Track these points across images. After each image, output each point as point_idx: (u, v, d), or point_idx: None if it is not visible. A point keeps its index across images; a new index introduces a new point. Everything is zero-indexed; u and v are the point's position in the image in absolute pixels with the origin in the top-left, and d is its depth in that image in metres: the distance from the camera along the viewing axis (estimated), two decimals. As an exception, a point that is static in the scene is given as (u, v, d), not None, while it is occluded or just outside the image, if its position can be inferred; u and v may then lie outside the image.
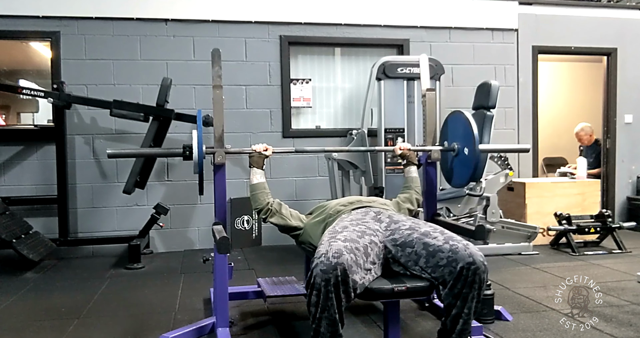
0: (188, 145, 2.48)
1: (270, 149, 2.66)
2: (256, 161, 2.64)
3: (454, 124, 2.88)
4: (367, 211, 2.37)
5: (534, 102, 5.61)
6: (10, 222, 4.11)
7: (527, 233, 4.43)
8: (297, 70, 5.17)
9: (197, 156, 2.45)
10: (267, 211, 2.56)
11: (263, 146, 2.65)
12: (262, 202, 2.57)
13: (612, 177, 5.83)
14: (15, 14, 4.51)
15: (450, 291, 1.95)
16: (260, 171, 2.63)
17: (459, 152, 2.78)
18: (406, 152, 2.85)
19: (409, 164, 2.87)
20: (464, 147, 2.73)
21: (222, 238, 2.26)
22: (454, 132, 2.85)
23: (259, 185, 2.60)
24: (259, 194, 2.58)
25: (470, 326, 1.99)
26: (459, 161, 2.80)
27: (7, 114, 5.94)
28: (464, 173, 2.77)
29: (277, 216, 2.57)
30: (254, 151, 2.64)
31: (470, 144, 2.67)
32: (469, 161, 2.70)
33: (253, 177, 2.62)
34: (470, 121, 2.70)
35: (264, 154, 2.64)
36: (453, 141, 2.83)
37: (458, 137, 2.80)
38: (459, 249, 1.96)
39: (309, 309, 1.91)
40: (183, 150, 2.49)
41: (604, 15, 5.78)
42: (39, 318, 2.93)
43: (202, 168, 2.49)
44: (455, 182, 2.92)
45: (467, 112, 2.78)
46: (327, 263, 1.84)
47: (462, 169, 2.78)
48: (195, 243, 4.87)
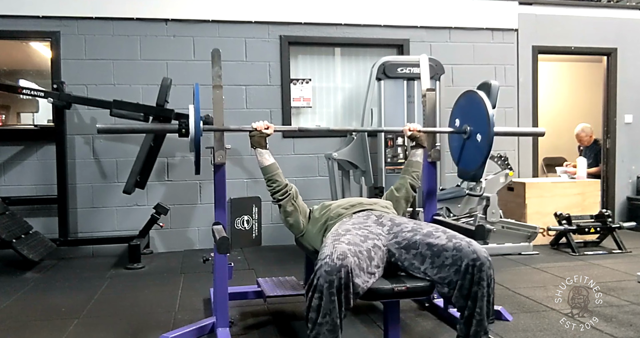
0: (184, 121, 2.34)
1: (272, 127, 2.52)
2: (257, 141, 2.49)
3: (466, 104, 2.73)
4: (369, 214, 2.35)
5: (534, 102, 5.61)
6: (10, 222, 4.11)
7: (527, 233, 4.43)
8: (297, 70, 5.17)
9: (195, 134, 2.31)
10: (286, 192, 2.45)
11: (264, 124, 2.51)
12: (281, 182, 2.45)
13: (612, 177, 5.83)
14: (15, 14, 4.51)
15: (460, 291, 1.94)
16: (266, 151, 2.49)
17: (471, 134, 2.63)
18: (416, 133, 2.72)
19: (417, 147, 2.74)
20: (477, 130, 2.58)
21: (222, 238, 2.26)
22: (467, 113, 2.70)
23: (273, 166, 2.47)
24: (276, 175, 2.46)
25: (484, 328, 1.96)
26: (471, 144, 2.65)
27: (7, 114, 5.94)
28: (475, 158, 2.62)
29: (293, 204, 2.47)
30: (255, 129, 2.50)
31: (485, 127, 2.50)
32: (481, 145, 2.55)
33: (262, 158, 2.47)
34: (486, 101, 2.52)
35: (265, 133, 2.50)
36: (465, 123, 2.69)
37: (471, 118, 2.64)
38: (462, 246, 1.96)
39: (308, 315, 1.86)
40: (179, 126, 2.35)
41: (604, 15, 5.78)
42: (39, 318, 2.93)
43: (199, 145, 2.36)
44: (465, 166, 2.77)
45: (481, 93, 2.62)
46: (332, 264, 1.83)
47: (474, 153, 2.63)
48: (195, 243, 4.87)
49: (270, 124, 2.52)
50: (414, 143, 2.75)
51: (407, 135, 2.76)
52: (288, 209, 2.48)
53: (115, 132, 2.33)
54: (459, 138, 2.78)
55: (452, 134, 2.81)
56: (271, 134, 2.53)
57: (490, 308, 1.99)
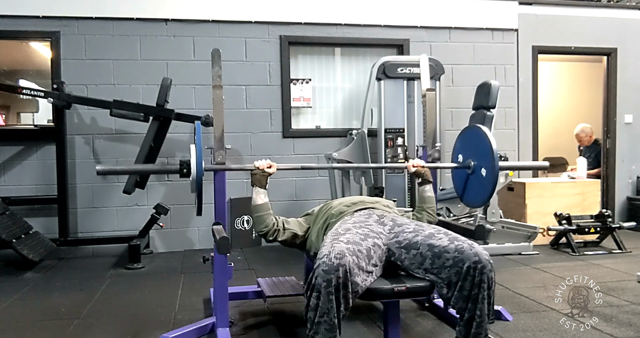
0: (185, 161, 2.28)
1: (274, 166, 2.48)
2: (259, 180, 2.44)
3: (470, 138, 2.72)
4: (370, 213, 2.35)
5: (534, 102, 5.61)
6: (10, 222, 4.11)
7: (527, 233, 4.43)
8: (297, 70, 5.17)
9: (196, 174, 2.24)
10: (275, 232, 2.46)
11: (266, 163, 2.47)
12: (268, 223, 2.44)
13: (612, 177, 5.83)
14: (15, 14, 4.51)
15: (460, 293, 1.94)
16: (263, 191, 2.45)
17: (475, 170, 2.61)
18: (420, 169, 2.66)
19: (424, 183, 2.65)
20: (482, 165, 2.56)
21: (222, 238, 2.26)
22: (470, 147, 2.68)
23: (264, 206, 2.44)
24: (264, 216, 2.44)
25: (485, 330, 1.95)
26: (475, 180, 2.63)
27: (7, 114, 5.94)
28: (481, 193, 2.59)
29: (284, 232, 2.48)
30: (257, 168, 2.46)
31: (489, 163, 2.48)
32: (486, 181, 2.52)
33: (257, 197, 2.43)
34: (490, 137, 2.51)
35: (268, 172, 2.46)
36: (468, 158, 2.67)
37: (474, 153, 2.63)
38: (464, 249, 1.95)
39: (307, 314, 1.87)
40: (180, 167, 2.29)
41: (604, 15, 5.79)
42: (39, 318, 2.93)
43: (201, 186, 2.28)
44: (471, 201, 2.75)
45: (485, 128, 2.61)
46: (330, 263, 1.83)
47: (479, 188, 2.60)
48: (195, 243, 4.87)
49: (272, 163, 2.48)
50: (419, 179, 2.67)
51: (411, 171, 2.69)
52: (285, 238, 2.50)
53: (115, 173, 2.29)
54: (462, 173, 2.75)
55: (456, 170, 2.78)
56: (273, 173, 2.48)
57: (491, 310, 1.98)
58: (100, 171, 2.28)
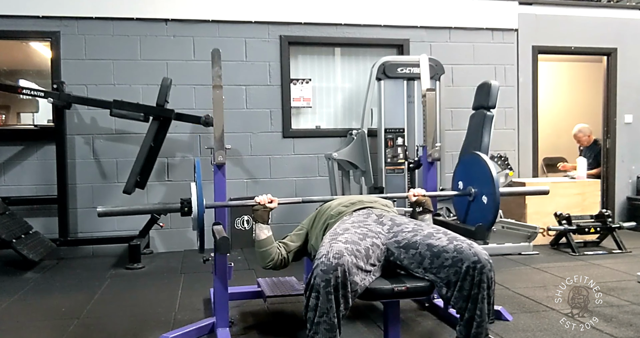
0: (186, 199, 2.24)
1: (276, 201, 2.43)
2: (260, 216, 2.39)
3: (470, 166, 2.73)
4: (369, 213, 2.35)
5: (534, 102, 5.61)
6: (10, 222, 4.11)
7: (527, 233, 4.43)
8: (297, 70, 5.17)
9: (197, 213, 2.20)
10: (281, 261, 2.43)
11: (267, 198, 2.42)
12: (274, 257, 2.40)
13: (612, 177, 5.83)
14: (15, 14, 4.51)
15: (460, 293, 1.94)
16: (266, 226, 2.40)
17: (476, 197, 2.62)
18: (421, 199, 2.62)
19: (425, 212, 2.61)
20: (482, 193, 2.57)
21: (222, 238, 2.26)
22: (470, 174, 2.69)
23: (268, 240, 2.39)
24: (269, 250, 2.39)
25: (485, 330, 1.95)
26: (476, 207, 2.63)
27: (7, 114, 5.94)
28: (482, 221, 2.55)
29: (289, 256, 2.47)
30: (258, 203, 2.41)
31: (490, 191, 2.49)
32: (488, 208, 2.52)
33: (260, 232, 2.38)
34: (489, 165, 2.51)
35: (269, 207, 2.41)
36: (469, 185, 2.68)
37: (475, 180, 2.65)
38: (463, 249, 1.95)
39: (307, 314, 1.88)
40: (181, 206, 2.27)
41: (604, 15, 5.78)
42: (39, 318, 2.93)
43: (203, 224, 2.24)
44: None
45: (484, 156, 2.62)
46: (328, 263, 1.83)
47: (481, 215, 2.59)
48: (195, 243, 4.86)
49: (274, 198, 2.43)
50: (420, 208, 2.63)
51: (411, 201, 2.65)
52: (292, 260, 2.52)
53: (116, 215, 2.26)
54: (464, 200, 2.75)
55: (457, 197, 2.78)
56: (275, 208, 2.45)
57: (491, 310, 1.99)
58: (102, 213, 2.23)
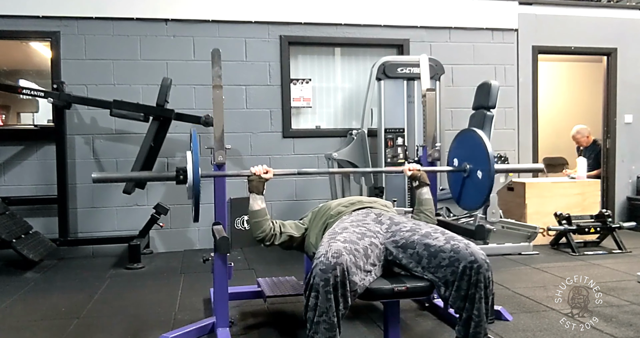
0: (182, 168, 2.27)
1: (271, 172, 2.47)
2: (256, 186, 2.44)
3: (465, 142, 2.73)
4: (368, 212, 2.36)
5: (534, 102, 5.61)
6: (10, 222, 4.11)
7: (527, 233, 4.43)
8: (297, 70, 5.17)
9: (193, 181, 2.23)
10: (272, 237, 2.46)
11: (263, 168, 2.46)
12: (265, 229, 2.44)
13: (612, 177, 5.83)
14: (15, 14, 4.51)
15: (457, 293, 1.94)
16: (260, 197, 2.45)
17: (471, 173, 2.62)
18: (416, 173, 2.65)
19: (421, 186, 2.66)
20: (477, 168, 2.56)
21: (222, 238, 2.26)
22: (466, 151, 2.69)
23: (261, 211, 2.44)
24: (261, 222, 2.44)
25: (483, 329, 1.95)
26: (471, 184, 2.63)
27: (7, 114, 5.94)
28: (477, 196, 2.59)
29: (281, 236, 2.48)
30: (253, 174, 2.45)
31: (485, 166, 2.49)
32: (482, 184, 2.53)
33: (254, 203, 2.43)
34: (485, 140, 2.52)
35: (264, 178, 2.46)
36: (464, 161, 2.67)
37: (470, 157, 2.64)
38: (460, 248, 1.96)
39: (306, 314, 1.88)
40: (177, 173, 2.28)
41: (604, 15, 5.79)
42: (39, 318, 2.93)
43: (198, 193, 2.27)
44: (467, 204, 2.75)
45: (480, 131, 2.61)
46: (327, 262, 1.84)
47: (475, 192, 2.60)
48: (195, 243, 4.87)
49: (269, 169, 2.47)
50: (416, 182, 2.67)
51: (407, 175, 2.70)
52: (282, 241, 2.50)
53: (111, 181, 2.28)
54: (458, 177, 2.75)
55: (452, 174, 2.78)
56: (270, 178, 2.47)
57: (489, 309, 1.98)
58: (96, 179, 2.25)
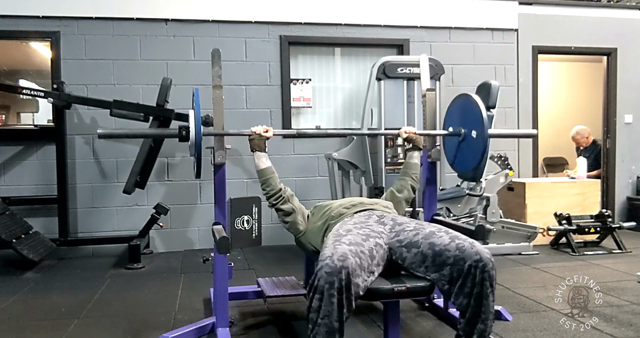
0: (184, 125, 2.36)
1: (271, 131, 2.57)
2: (257, 144, 2.54)
3: (459, 107, 2.78)
4: (370, 214, 2.36)
5: (534, 102, 5.61)
6: (10, 222, 4.11)
7: (527, 233, 4.43)
8: (297, 70, 5.17)
9: (195, 138, 2.32)
10: (280, 197, 2.51)
11: (263, 128, 2.56)
12: (274, 186, 2.51)
13: (612, 177, 5.83)
14: (15, 14, 4.51)
15: (462, 291, 1.94)
16: (264, 154, 2.55)
17: (466, 136, 2.67)
18: (412, 135, 2.77)
19: (414, 149, 2.79)
20: (472, 130, 2.61)
21: (222, 238, 2.26)
22: (460, 116, 2.75)
23: (268, 169, 2.53)
24: (270, 179, 2.51)
25: (489, 327, 1.95)
26: (466, 146, 2.69)
27: (7, 114, 5.94)
28: (471, 158, 2.66)
29: (286, 203, 2.52)
30: (254, 133, 2.55)
31: (479, 127, 2.55)
32: (477, 145, 2.58)
33: (259, 161, 2.54)
34: (479, 103, 2.58)
35: (265, 136, 2.55)
36: (459, 126, 2.73)
37: (465, 121, 2.69)
38: (465, 247, 1.96)
39: (309, 316, 1.87)
40: (179, 131, 2.37)
41: (604, 15, 5.78)
42: (39, 318, 2.93)
43: (200, 150, 2.37)
44: (462, 167, 2.81)
45: (475, 96, 2.67)
46: (332, 265, 1.83)
47: (470, 154, 2.66)
48: (195, 243, 4.87)
49: (269, 128, 2.57)
50: (410, 145, 2.80)
51: (402, 137, 2.81)
52: (284, 210, 2.53)
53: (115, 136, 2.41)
54: (453, 141, 2.82)
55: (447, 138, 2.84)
56: (270, 137, 2.57)
57: (493, 310, 1.98)
58: (101, 135, 2.34)
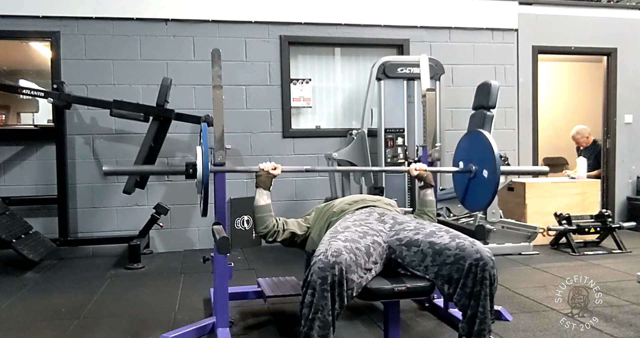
0: (191, 162, 2.29)
1: (279, 168, 2.48)
2: (263, 181, 2.45)
3: (470, 143, 2.72)
4: (371, 211, 2.36)
5: (534, 102, 5.61)
6: (10, 222, 4.11)
7: (527, 233, 4.43)
8: (297, 70, 5.17)
9: (202, 176, 2.24)
10: (274, 233, 2.46)
11: (271, 165, 2.47)
12: (268, 225, 2.44)
13: (612, 177, 5.83)
14: (15, 14, 4.51)
15: (462, 290, 1.94)
16: (267, 192, 2.46)
17: (477, 174, 2.61)
18: (422, 173, 2.65)
19: (426, 187, 2.65)
20: (483, 169, 2.55)
21: (222, 238, 2.26)
22: (471, 152, 2.69)
23: (266, 207, 2.45)
24: (265, 217, 2.45)
25: (488, 326, 1.96)
26: (477, 184, 2.62)
27: (7, 114, 5.94)
28: (483, 197, 2.58)
29: (284, 233, 2.49)
30: (262, 169, 2.46)
31: (491, 167, 2.48)
32: (488, 185, 2.51)
33: (260, 198, 2.44)
34: (491, 140, 2.51)
35: (272, 174, 2.46)
36: (469, 162, 2.66)
37: (476, 158, 2.64)
38: (465, 246, 1.96)
39: (302, 311, 1.89)
40: (186, 168, 2.30)
41: (604, 15, 5.78)
42: (39, 318, 2.93)
43: (207, 187, 2.29)
44: (473, 206, 2.76)
45: (486, 132, 2.61)
46: (326, 261, 1.84)
47: (481, 192, 2.59)
48: (195, 243, 4.87)
49: (277, 165, 2.48)
50: (421, 183, 2.67)
51: (413, 175, 2.68)
52: (284, 240, 2.51)
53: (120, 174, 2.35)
54: (464, 178, 2.74)
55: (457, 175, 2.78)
56: (278, 175, 2.48)
57: (492, 309, 1.99)
58: (107, 172, 2.28)
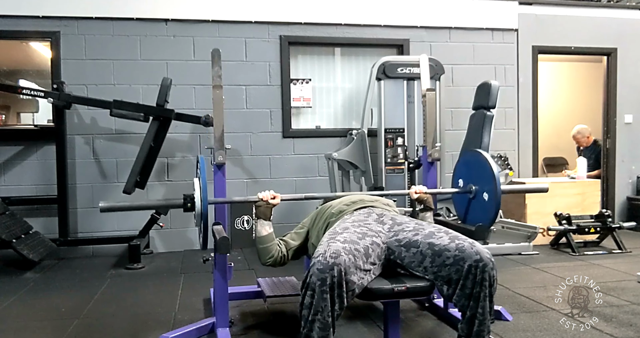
0: (189, 195, 2.25)
1: (279, 197, 2.44)
2: (263, 212, 2.40)
3: (470, 163, 2.72)
4: (370, 212, 2.36)
5: (534, 102, 5.61)
6: (10, 222, 4.11)
7: (527, 233, 4.43)
8: (297, 70, 5.16)
9: (201, 208, 2.22)
10: (281, 258, 2.45)
11: (270, 194, 2.43)
12: (274, 254, 2.42)
13: (612, 177, 5.82)
14: (15, 14, 4.51)
15: (462, 291, 1.94)
16: (268, 223, 2.41)
17: (477, 195, 2.62)
18: (423, 196, 2.63)
19: (426, 210, 2.63)
20: (484, 190, 2.55)
21: (222, 238, 2.26)
22: (471, 172, 2.68)
23: (269, 237, 2.41)
24: (269, 247, 2.41)
25: (487, 327, 1.97)
26: (477, 204, 2.62)
27: (7, 114, 5.94)
28: (483, 217, 2.56)
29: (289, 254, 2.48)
30: (261, 199, 2.42)
31: (491, 188, 2.48)
32: (488, 205, 2.51)
33: (262, 229, 2.39)
34: (491, 162, 2.50)
35: (272, 203, 2.42)
36: (469, 182, 2.67)
37: (475, 178, 2.63)
38: (465, 247, 1.96)
39: (301, 312, 1.89)
40: (184, 201, 2.27)
41: (604, 15, 5.78)
42: (39, 318, 2.93)
43: (206, 220, 2.26)
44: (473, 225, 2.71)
45: (485, 153, 2.60)
46: (324, 262, 1.84)
47: (481, 213, 2.59)
48: (195, 243, 4.86)
49: (276, 194, 2.44)
50: (421, 205, 2.66)
51: (413, 198, 2.67)
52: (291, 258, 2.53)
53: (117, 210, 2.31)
54: (463, 198, 2.74)
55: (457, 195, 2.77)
56: (277, 204, 2.45)
57: (492, 310, 1.99)
58: (103, 208, 2.25)
